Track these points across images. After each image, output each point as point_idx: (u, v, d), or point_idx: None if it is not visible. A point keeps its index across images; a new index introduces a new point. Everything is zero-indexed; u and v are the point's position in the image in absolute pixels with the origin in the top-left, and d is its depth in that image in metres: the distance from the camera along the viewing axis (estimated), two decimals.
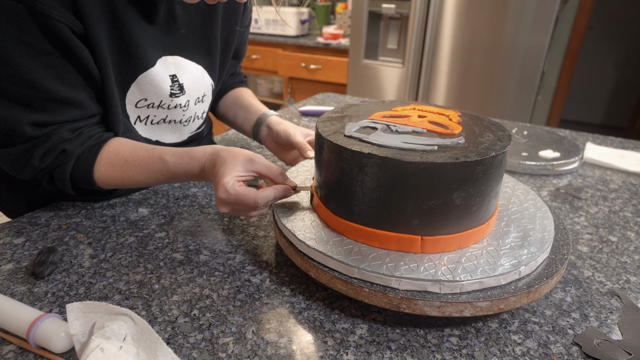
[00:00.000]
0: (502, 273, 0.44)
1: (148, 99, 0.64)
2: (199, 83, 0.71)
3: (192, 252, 0.57)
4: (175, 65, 0.66)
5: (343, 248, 0.47)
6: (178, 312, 0.46)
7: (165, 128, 0.70)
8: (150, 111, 0.66)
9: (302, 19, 2.72)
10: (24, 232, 0.60)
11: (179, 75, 0.67)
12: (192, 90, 0.70)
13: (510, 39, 1.87)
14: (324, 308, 0.48)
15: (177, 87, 0.66)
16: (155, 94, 0.64)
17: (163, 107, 0.67)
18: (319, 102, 1.33)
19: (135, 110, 0.65)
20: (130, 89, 0.62)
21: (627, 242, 0.64)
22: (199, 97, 0.72)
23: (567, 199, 0.76)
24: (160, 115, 0.68)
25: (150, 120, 0.67)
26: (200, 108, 0.74)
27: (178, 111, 0.69)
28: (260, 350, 0.42)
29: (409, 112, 0.56)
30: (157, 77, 0.63)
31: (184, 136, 0.75)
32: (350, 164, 0.46)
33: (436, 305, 0.42)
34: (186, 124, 0.73)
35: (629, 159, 0.94)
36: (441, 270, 0.44)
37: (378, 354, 0.42)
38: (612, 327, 0.47)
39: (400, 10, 2.04)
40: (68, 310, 0.40)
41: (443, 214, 0.45)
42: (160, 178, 0.60)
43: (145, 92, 0.64)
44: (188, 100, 0.70)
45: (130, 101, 0.63)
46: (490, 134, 0.51)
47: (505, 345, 0.44)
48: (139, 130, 0.67)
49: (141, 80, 0.62)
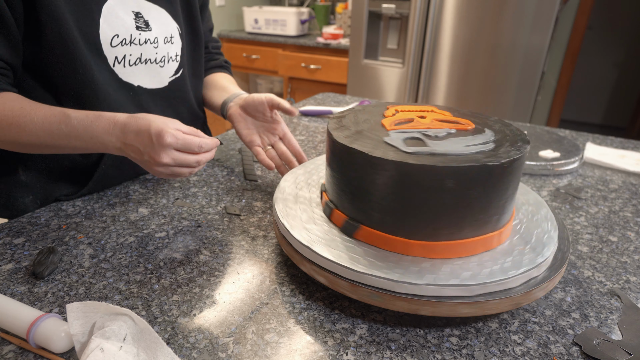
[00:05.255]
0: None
1: (119, 34, 0.66)
2: (163, 23, 0.73)
3: (192, 252, 0.57)
4: (136, 4, 0.69)
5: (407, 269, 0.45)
6: (178, 312, 0.46)
7: (143, 70, 0.71)
8: (125, 49, 0.67)
9: (302, 19, 2.72)
10: (24, 232, 0.60)
11: (143, 13, 0.70)
12: (158, 28, 0.72)
13: (510, 39, 1.87)
14: (324, 308, 0.48)
15: (142, 22, 0.69)
16: (122, 27, 0.66)
17: (135, 43, 0.68)
18: (319, 102, 1.33)
19: (111, 50, 0.66)
20: (101, 26, 0.63)
21: (627, 242, 0.64)
22: (167, 37, 0.74)
23: (567, 199, 0.76)
24: (135, 54, 0.69)
25: (127, 61, 0.68)
26: (171, 49, 0.75)
27: (149, 48, 0.71)
28: (260, 350, 0.42)
29: (411, 115, 0.56)
30: (118, 9, 0.65)
31: (164, 80, 0.76)
32: (434, 181, 0.42)
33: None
34: (162, 64, 0.74)
35: (629, 159, 0.94)
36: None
37: (378, 354, 0.42)
38: (612, 327, 0.47)
39: (400, 10, 2.04)
40: (68, 310, 0.40)
41: (491, 211, 0.45)
42: (56, 135, 0.55)
43: (114, 27, 0.65)
44: (156, 37, 0.72)
45: (105, 40, 0.65)
46: (495, 126, 0.52)
47: (505, 345, 0.44)
48: (119, 74, 0.68)
49: (106, 13, 0.64)
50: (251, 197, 0.72)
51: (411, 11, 2.00)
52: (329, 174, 0.52)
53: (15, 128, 0.56)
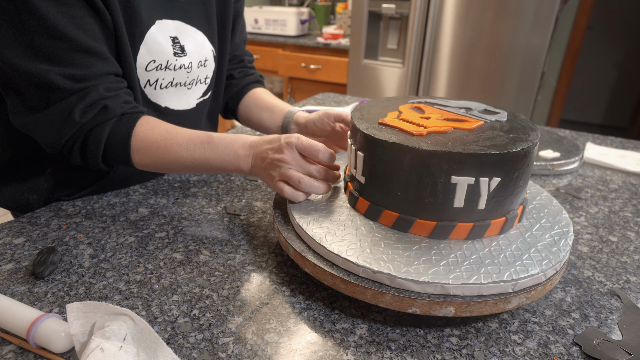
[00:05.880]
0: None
1: (156, 60, 0.66)
2: (200, 47, 0.73)
3: (192, 252, 0.57)
4: (176, 29, 0.69)
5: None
6: (178, 312, 0.46)
7: (172, 92, 0.72)
8: (159, 74, 0.68)
9: (302, 19, 2.72)
10: (24, 232, 0.60)
11: (180, 38, 0.69)
12: (194, 53, 0.72)
13: (510, 39, 1.87)
14: (324, 308, 0.48)
15: (179, 48, 0.69)
16: (161, 53, 0.66)
17: (169, 69, 0.68)
18: (319, 102, 1.33)
19: (145, 74, 0.66)
20: (140, 52, 0.64)
21: (627, 242, 0.64)
22: (201, 61, 0.74)
23: (567, 199, 0.76)
24: (168, 78, 0.69)
25: (159, 84, 0.69)
26: (202, 72, 0.75)
27: (182, 72, 0.71)
28: (260, 350, 0.42)
29: (418, 120, 0.55)
30: (158, 36, 0.65)
31: (191, 102, 0.76)
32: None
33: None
34: (190, 87, 0.74)
35: (629, 159, 0.94)
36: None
37: (378, 354, 0.42)
38: (612, 327, 0.47)
39: (400, 10, 2.04)
40: (68, 310, 0.40)
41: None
42: (199, 154, 0.59)
43: (153, 53, 0.65)
44: (191, 62, 0.71)
45: (141, 64, 0.65)
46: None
47: (505, 345, 0.44)
48: (148, 95, 0.68)
49: (148, 39, 0.64)
50: (251, 197, 0.72)
51: (411, 11, 2.00)
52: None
53: (162, 151, 0.59)
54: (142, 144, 0.59)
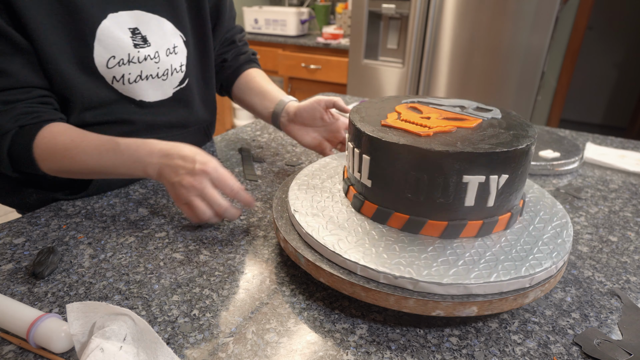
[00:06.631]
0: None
1: (116, 55, 0.64)
2: (164, 35, 0.71)
3: (192, 252, 0.57)
4: (135, 20, 0.67)
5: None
6: (178, 312, 0.46)
7: (145, 85, 0.70)
8: (123, 69, 0.66)
9: (302, 19, 2.72)
10: (24, 232, 0.60)
11: (141, 28, 0.67)
12: (158, 42, 0.70)
13: (510, 39, 1.87)
14: (324, 308, 0.48)
15: (140, 39, 0.67)
16: (119, 47, 0.64)
17: (133, 62, 0.67)
18: None
19: (108, 70, 0.65)
20: (95, 49, 0.62)
21: (627, 242, 0.64)
22: (169, 49, 0.72)
23: (567, 199, 0.76)
24: (135, 72, 0.68)
25: (127, 79, 0.67)
26: (175, 60, 0.73)
27: (150, 64, 0.69)
28: (260, 350, 0.42)
29: (419, 120, 0.55)
30: (113, 30, 0.64)
31: (168, 92, 0.74)
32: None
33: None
34: (165, 77, 0.72)
35: (629, 159, 0.94)
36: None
37: (378, 354, 0.42)
38: (612, 327, 0.47)
39: (400, 10, 2.04)
40: (68, 310, 0.40)
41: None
42: (105, 161, 0.58)
43: (110, 49, 0.64)
44: (157, 52, 0.69)
45: (100, 63, 0.64)
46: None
47: (505, 345, 0.44)
48: (118, 89, 0.67)
49: (101, 35, 0.62)
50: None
51: (411, 11, 2.00)
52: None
53: (67, 160, 0.58)
54: (45, 154, 0.58)
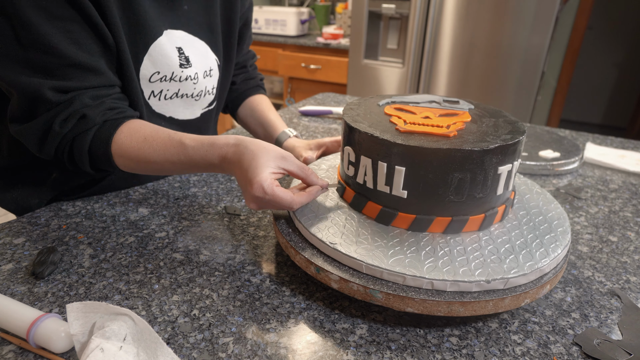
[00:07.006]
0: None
1: (161, 71, 0.66)
2: (204, 57, 0.73)
3: (192, 252, 0.57)
4: (180, 39, 0.68)
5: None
6: (178, 312, 0.46)
7: (178, 103, 0.71)
8: (163, 85, 0.67)
9: (302, 19, 2.72)
10: (24, 232, 0.60)
11: (184, 49, 0.69)
12: (198, 63, 0.71)
13: (510, 39, 1.87)
14: (324, 308, 0.48)
15: (184, 59, 0.68)
16: (167, 65, 0.66)
17: (175, 80, 0.68)
18: (319, 102, 1.33)
19: (148, 85, 0.66)
20: (144, 63, 0.64)
21: (627, 242, 0.64)
22: (206, 71, 0.74)
23: (567, 199, 0.76)
24: (173, 89, 0.69)
25: (163, 95, 0.68)
26: (209, 83, 0.75)
27: (189, 84, 0.70)
28: (260, 350, 0.42)
29: (426, 121, 0.54)
30: (166, 47, 0.65)
31: (196, 112, 0.76)
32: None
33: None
34: (198, 98, 0.74)
35: (629, 159, 0.94)
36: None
37: (378, 354, 0.42)
38: (612, 327, 0.47)
39: (400, 10, 2.04)
40: (68, 310, 0.40)
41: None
42: (177, 163, 0.57)
43: (158, 65, 0.65)
44: (197, 73, 0.71)
45: (144, 76, 0.65)
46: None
47: (505, 345, 0.44)
48: (152, 106, 0.68)
49: (152, 51, 0.64)
50: None
51: (411, 11, 2.00)
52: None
53: (142, 160, 0.58)
54: (121, 151, 0.58)
